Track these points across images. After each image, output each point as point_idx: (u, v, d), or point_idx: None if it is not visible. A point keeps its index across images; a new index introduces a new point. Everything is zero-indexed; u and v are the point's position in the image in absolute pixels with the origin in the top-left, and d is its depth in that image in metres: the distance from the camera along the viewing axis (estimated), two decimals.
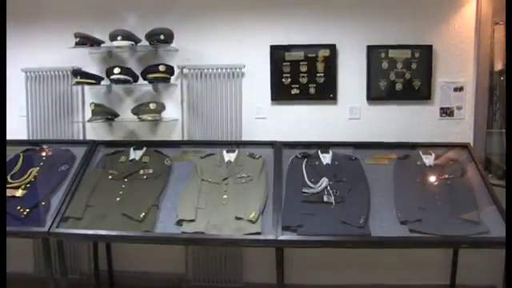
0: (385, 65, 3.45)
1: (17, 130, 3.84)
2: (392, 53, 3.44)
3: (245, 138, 3.56)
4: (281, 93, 3.55)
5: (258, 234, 2.63)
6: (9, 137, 3.66)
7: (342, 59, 3.51)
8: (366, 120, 3.52)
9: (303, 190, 2.86)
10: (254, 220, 2.68)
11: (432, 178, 2.93)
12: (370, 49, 3.46)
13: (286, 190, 2.93)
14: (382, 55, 3.45)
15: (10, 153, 3.48)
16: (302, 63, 3.52)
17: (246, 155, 3.18)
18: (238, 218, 2.71)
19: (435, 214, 2.67)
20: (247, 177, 3.00)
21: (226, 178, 3.00)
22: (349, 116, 3.53)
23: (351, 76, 3.51)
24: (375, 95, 3.49)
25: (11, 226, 2.92)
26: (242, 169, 3.07)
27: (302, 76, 3.52)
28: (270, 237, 2.61)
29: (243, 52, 3.56)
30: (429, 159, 3.05)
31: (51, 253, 2.97)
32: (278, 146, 3.24)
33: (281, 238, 2.59)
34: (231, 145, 3.33)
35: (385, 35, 3.45)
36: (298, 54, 3.52)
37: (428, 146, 3.17)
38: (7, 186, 3.16)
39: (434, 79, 3.45)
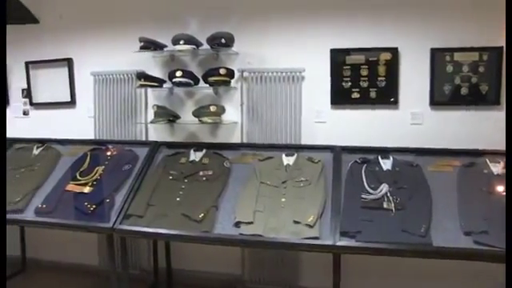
0: (449, 68, 3.33)
1: (85, 130, 4.05)
2: (457, 56, 3.31)
3: (304, 141, 3.55)
4: (341, 97, 3.52)
5: (316, 238, 2.61)
6: (78, 136, 3.92)
7: (404, 63, 3.42)
8: (428, 125, 3.41)
9: (362, 196, 2.81)
10: (311, 224, 2.66)
11: (500, 188, 2.75)
12: (434, 52, 3.34)
13: (344, 195, 2.89)
14: (447, 58, 3.32)
15: (79, 151, 3.69)
16: (362, 67, 3.46)
17: (305, 159, 3.17)
18: (295, 222, 2.70)
19: (503, 227, 2.53)
20: (306, 181, 2.99)
21: (284, 182, 3.01)
22: (410, 121, 3.43)
23: (413, 80, 3.41)
24: (439, 100, 3.37)
25: (79, 221, 3.09)
26: (300, 172, 3.06)
27: (362, 80, 3.47)
28: (328, 242, 2.58)
29: (303, 55, 3.55)
30: (497, 168, 2.89)
31: (114, 248, 3.10)
32: (337, 151, 3.21)
33: (339, 243, 2.56)
34: (290, 148, 3.33)
35: (449, 37, 3.31)
36: (359, 58, 3.46)
37: (496, 154, 2.99)
38: (76, 182, 3.34)
39: (504, 83, 3.28)
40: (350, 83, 3.49)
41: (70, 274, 4.15)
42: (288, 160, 3.18)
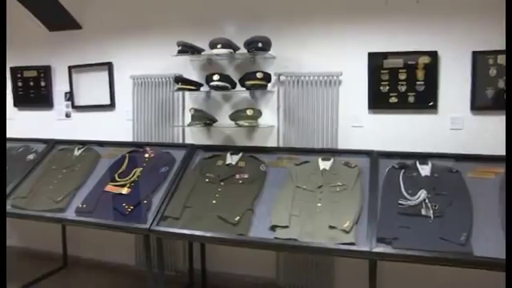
0: (492, 72, 3.22)
1: (124, 132, 4.14)
2: (502, 59, 3.19)
3: (340, 146, 3.51)
4: (378, 101, 3.47)
5: (352, 244, 2.57)
6: (117, 139, 4.02)
7: (443, 66, 3.34)
8: (469, 130, 3.31)
9: (400, 202, 2.76)
10: (347, 230, 2.63)
11: None
12: (476, 55, 3.25)
13: (381, 200, 2.84)
14: (490, 61, 3.22)
15: (118, 153, 3.78)
16: (400, 71, 3.40)
17: (342, 164, 3.14)
18: (331, 227, 2.68)
19: None
20: (342, 186, 2.96)
21: (320, 186, 2.99)
22: (450, 126, 3.35)
23: (454, 84, 3.32)
24: (480, 104, 3.27)
25: (117, 221, 3.16)
26: (337, 177, 3.03)
27: (400, 84, 3.41)
28: (364, 248, 2.54)
29: (341, 59, 3.52)
30: None
31: (151, 249, 3.15)
32: (374, 156, 3.17)
33: (375, 250, 2.52)
34: (327, 153, 3.30)
35: (493, 40, 3.18)
36: (397, 62, 3.41)
37: None
38: (115, 184, 3.42)
39: None
40: (387, 87, 3.44)
41: (107, 273, 4.25)
42: (324, 164, 3.16)
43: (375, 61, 3.45)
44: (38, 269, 4.30)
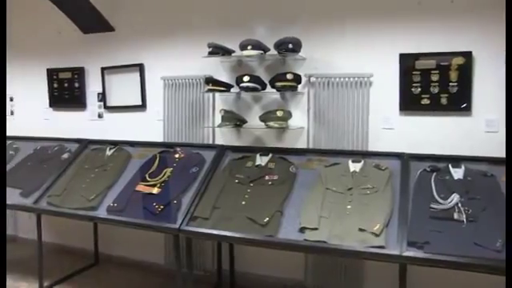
0: None
1: (155, 132, 4.20)
2: None
3: (371, 148, 3.47)
4: (410, 103, 3.41)
5: (382, 247, 2.54)
6: (147, 139, 4.07)
7: (478, 67, 3.24)
8: (504, 133, 3.22)
9: (431, 206, 2.71)
10: (377, 233, 2.60)
11: None
12: None
13: (412, 204, 2.80)
14: None
15: (148, 153, 3.84)
16: (433, 72, 3.33)
17: (372, 166, 3.11)
18: (361, 230, 2.65)
19: None
20: (372, 188, 2.93)
21: (350, 189, 2.97)
22: (485, 129, 3.25)
23: (489, 85, 3.22)
24: None
25: (147, 220, 3.21)
26: (367, 180, 3.00)
27: (433, 85, 3.34)
28: (394, 252, 2.51)
29: (371, 60, 3.48)
30: None
31: (180, 248, 3.17)
32: (405, 158, 3.13)
33: (405, 254, 2.48)
34: (357, 155, 3.28)
35: None
36: (430, 63, 3.34)
37: None
38: (145, 183, 3.47)
39: None
40: (419, 89, 3.38)
41: (137, 271, 4.31)
42: (354, 166, 3.13)
43: (407, 62, 3.39)
44: (71, 265, 4.41)
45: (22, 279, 4.11)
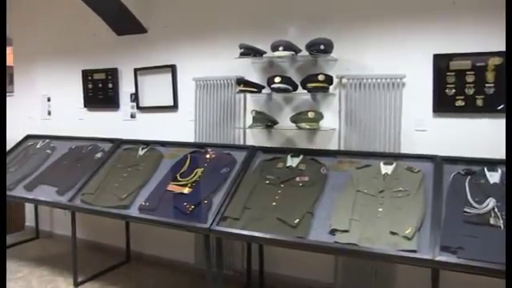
0: None
1: (186, 133, 4.24)
2: None
3: (403, 150, 3.41)
4: (444, 104, 3.33)
5: (413, 251, 2.50)
6: (179, 139, 4.12)
7: None
8: None
9: (465, 210, 2.64)
10: (409, 236, 2.55)
11: None
12: None
13: (445, 207, 2.74)
14: None
15: (180, 153, 3.88)
16: (468, 73, 3.25)
17: (404, 168, 3.06)
18: (392, 233, 2.61)
19: None
20: (404, 191, 2.88)
21: (382, 191, 2.93)
22: None
23: None
24: None
25: (178, 220, 3.24)
26: (399, 182, 2.96)
27: (468, 87, 3.26)
28: (427, 256, 2.46)
29: (404, 61, 3.42)
30: None
31: (210, 248, 3.19)
32: (438, 161, 3.07)
33: (438, 258, 2.43)
34: (389, 157, 3.24)
35: None
36: (465, 63, 3.26)
37: None
38: (176, 183, 3.51)
39: None
40: (454, 90, 3.30)
41: (167, 269, 4.37)
42: (386, 169, 3.09)
43: (441, 63, 3.32)
44: (104, 262, 4.50)
45: (58, 274, 4.23)
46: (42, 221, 5.42)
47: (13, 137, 5.19)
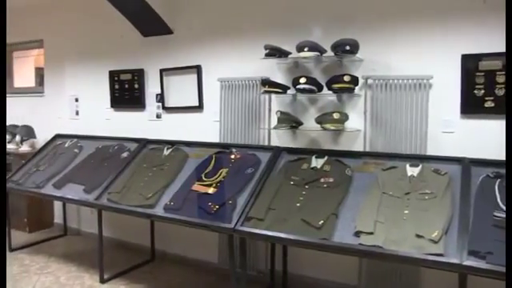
0: None
1: (211, 133, 4.27)
2: None
3: (430, 152, 3.36)
4: (472, 105, 3.27)
5: (440, 255, 2.45)
6: (204, 139, 4.15)
7: None
8: None
9: (495, 214, 2.58)
10: (436, 240, 2.51)
11: None
12: None
13: (474, 211, 2.69)
14: None
15: (205, 154, 3.90)
16: (498, 73, 3.17)
17: (431, 170, 3.01)
18: (418, 236, 2.57)
19: None
20: (431, 193, 2.84)
21: (407, 193, 2.89)
22: None
23: None
24: None
25: (203, 220, 3.26)
26: (425, 184, 2.91)
27: (498, 87, 3.19)
28: (454, 260, 2.41)
29: (431, 62, 3.37)
30: None
31: (234, 248, 3.21)
32: (466, 163, 3.01)
33: (466, 263, 2.38)
34: (415, 159, 3.19)
35: None
36: (495, 64, 3.18)
37: None
38: (201, 183, 3.53)
39: None
40: (482, 91, 3.23)
41: (191, 268, 4.40)
42: (412, 171, 3.05)
43: (469, 63, 3.26)
44: (129, 260, 4.55)
45: (84, 271, 4.31)
46: (70, 218, 5.52)
47: (43, 136, 5.33)
